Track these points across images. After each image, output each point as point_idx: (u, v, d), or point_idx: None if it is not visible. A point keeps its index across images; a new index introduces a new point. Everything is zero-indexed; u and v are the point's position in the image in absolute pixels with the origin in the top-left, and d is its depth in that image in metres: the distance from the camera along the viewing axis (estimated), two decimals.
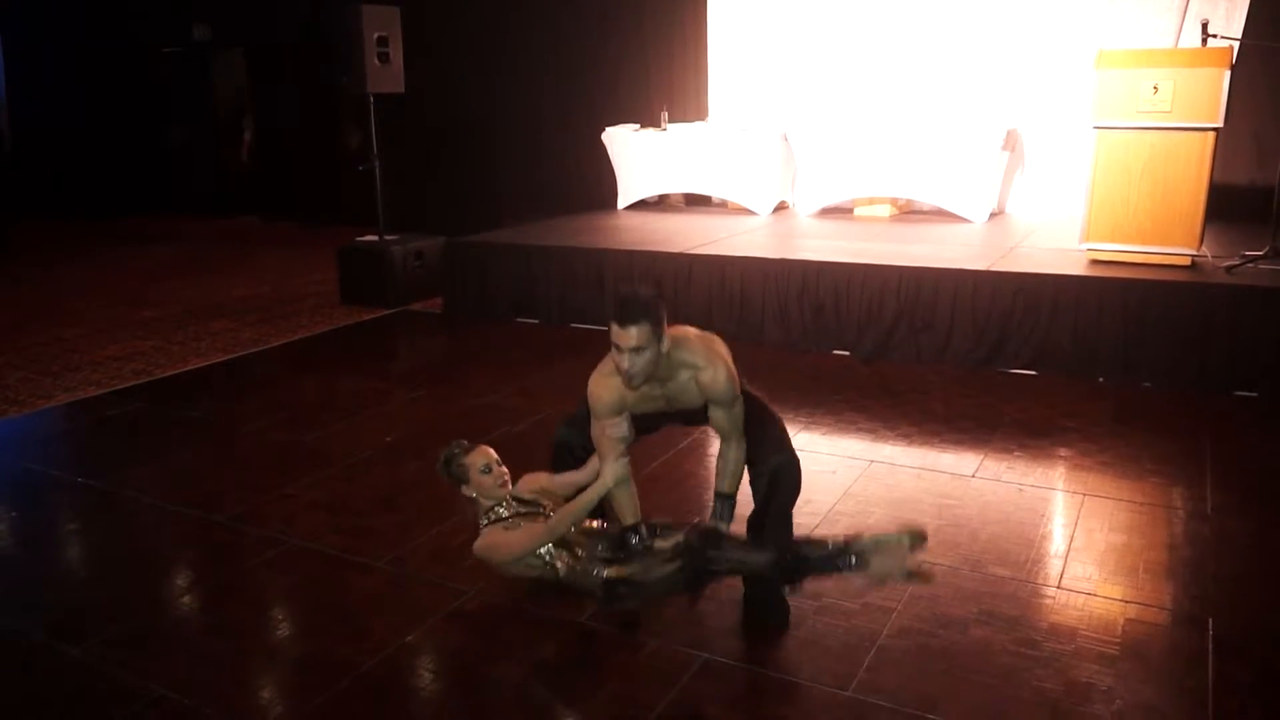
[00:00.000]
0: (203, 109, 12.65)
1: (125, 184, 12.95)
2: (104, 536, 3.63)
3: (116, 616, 2.96)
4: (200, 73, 12.53)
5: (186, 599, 3.15)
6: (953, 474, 3.90)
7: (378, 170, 7.42)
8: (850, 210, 7.82)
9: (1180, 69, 5.06)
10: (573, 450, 3.02)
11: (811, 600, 2.91)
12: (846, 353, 5.67)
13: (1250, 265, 5.19)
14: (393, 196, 7.64)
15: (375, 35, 7.09)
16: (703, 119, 8.66)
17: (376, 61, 7.11)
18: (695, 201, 8.58)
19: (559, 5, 9.19)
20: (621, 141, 8.40)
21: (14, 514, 3.88)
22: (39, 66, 13.78)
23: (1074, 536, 3.33)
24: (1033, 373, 5.21)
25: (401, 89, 7.32)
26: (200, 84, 12.56)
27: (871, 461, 4.04)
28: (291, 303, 7.50)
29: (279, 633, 2.94)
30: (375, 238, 7.49)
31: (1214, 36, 5.33)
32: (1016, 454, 4.10)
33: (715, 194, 8.27)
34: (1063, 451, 4.13)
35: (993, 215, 7.36)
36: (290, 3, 11.01)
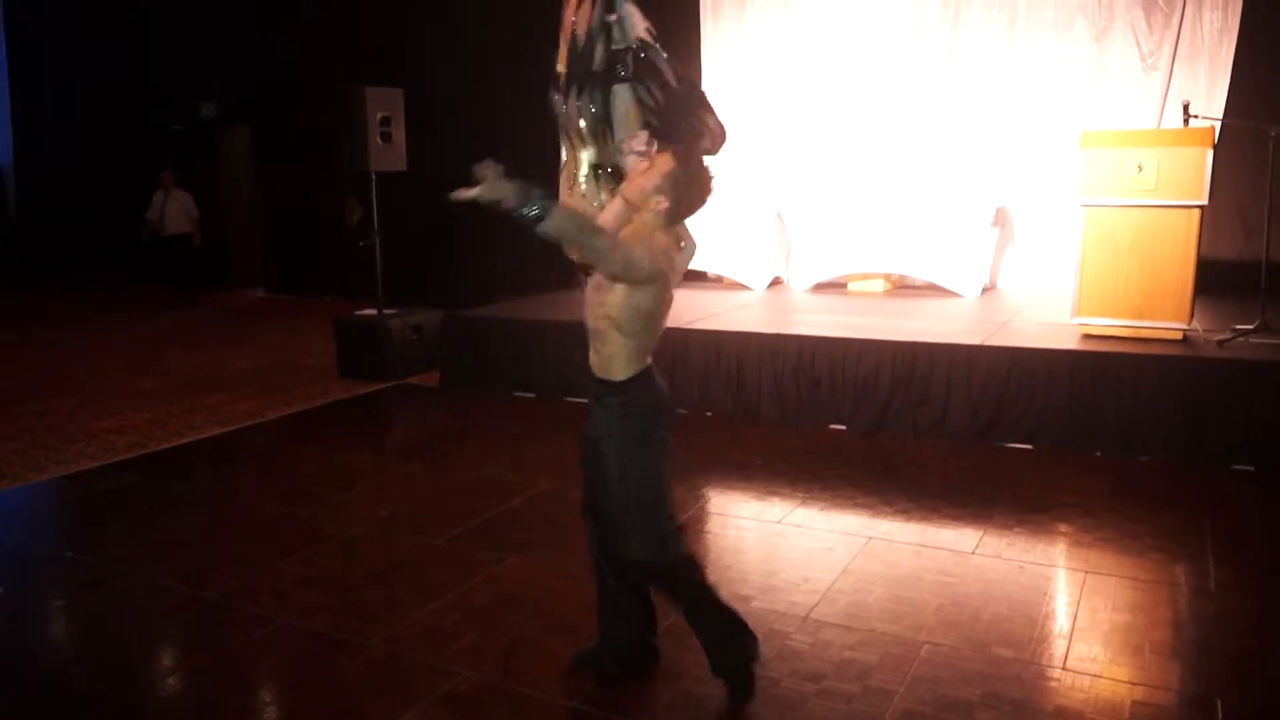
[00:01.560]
0: (208, 184, 12.81)
1: (129, 256, 13.05)
2: (91, 613, 3.58)
3: (101, 696, 2.90)
4: (207, 149, 12.73)
5: (172, 679, 3.09)
6: (952, 550, 3.87)
7: (378, 245, 7.50)
8: (844, 285, 7.90)
9: (1164, 148, 5.18)
10: None
11: (811, 682, 2.86)
12: (843, 427, 5.67)
13: (1242, 339, 5.23)
14: (392, 271, 7.71)
15: (379, 115, 7.24)
16: None
17: (379, 140, 7.25)
18: (691, 276, 8.60)
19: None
20: None
21: (1, 590, 3.83)
22: (49, 141, 14.04)
23: (1077, 615, 3.29)
24: (1029, 447, 5.21)
25: (404, 167, 7.45)
26: (207, 160, 12.75)
27: (870, 538, 4.01)
28: (289, 375, 7.50)
29: (266, 716, 2.87)
30: (374, 311, 7.53)
31: (1195, 117, 5.47)
32: (1016, 530, 4.07)
33: (710, 269, 8.35)
34: (1063, 527, 4.11)
35: (985, 290, 7.43)
36: (296, 82, 11.25)
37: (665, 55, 2.72)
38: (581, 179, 2.60)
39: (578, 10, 2.76)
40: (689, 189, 2.55)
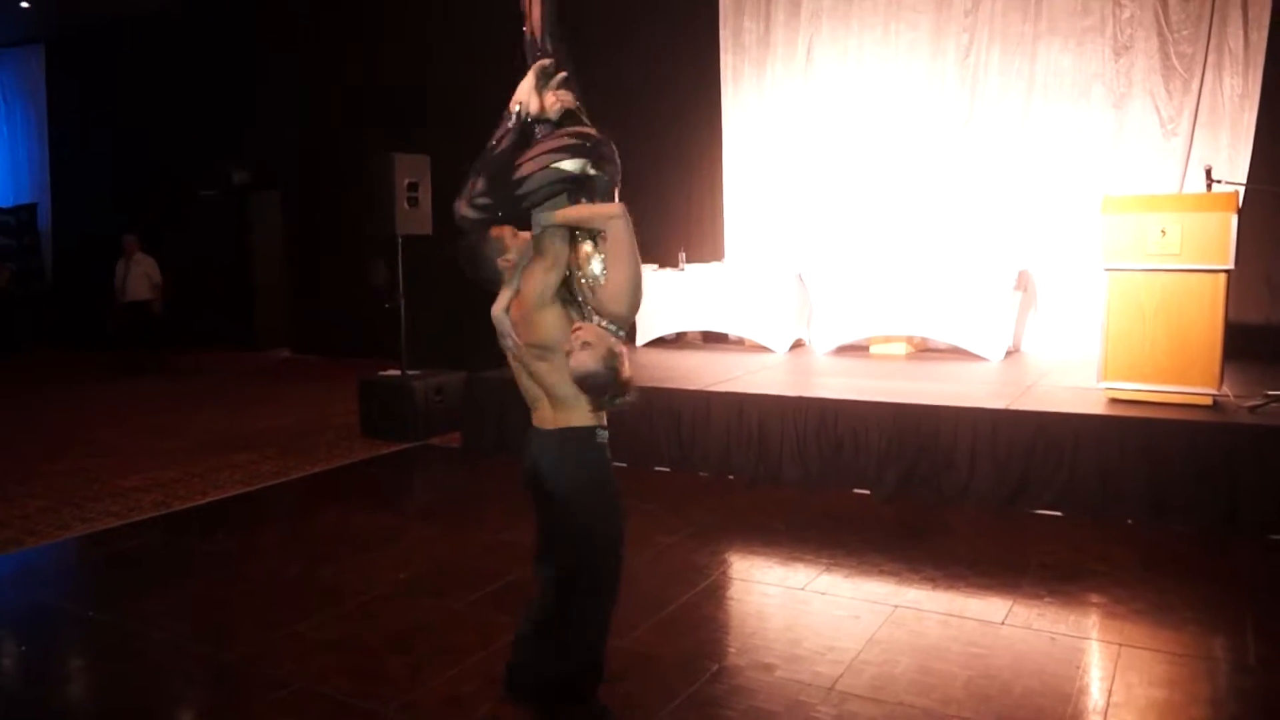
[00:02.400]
0: (238, 247, 13.07)
1: (163, 317, 13.26)
2: (111, 673, 3.56)
3: None
4: (237, 214, 13.01)
5: None
6: (981, 621, 3.79)
7: (403, 307, 7.59)
8: (866, 348, 7.89)
9: (1187, 213, 5.17)
10: None
11: None
12: (866, 492, 5.61)
13: (1274, 405, 5.16)
14: (417, 332, 7.78)
15: (406, 181, 7.38)
16: (719, 259, 8.86)
17: (406, 205, 7.38)
18: (713, 339, 8.69)
19: None
20: None
21: (23, 648, 3.82)
22: (85, 206, 14.38)
23: (1113, 690, 3.20)
24: (1058, 514, 5.12)
25: (429, 231, 7.56)
26: (237, 225, 13.02)
27: (896, 606, 3.94)
28: (313, 435, 7.54)
29: None
30: (398, 372, 7.59)
31: (1218, 182, 5.47)
32: (1046, 600, 3.99)
33: (732, 332, 8.38)
34: (1094, 598, 4.02)
35: (1008, 354, 7.40)
36: (326, 149, 11.51)
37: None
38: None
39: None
40: None
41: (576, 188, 2.64)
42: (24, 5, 12.68)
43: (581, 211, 2.64)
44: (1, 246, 14.43)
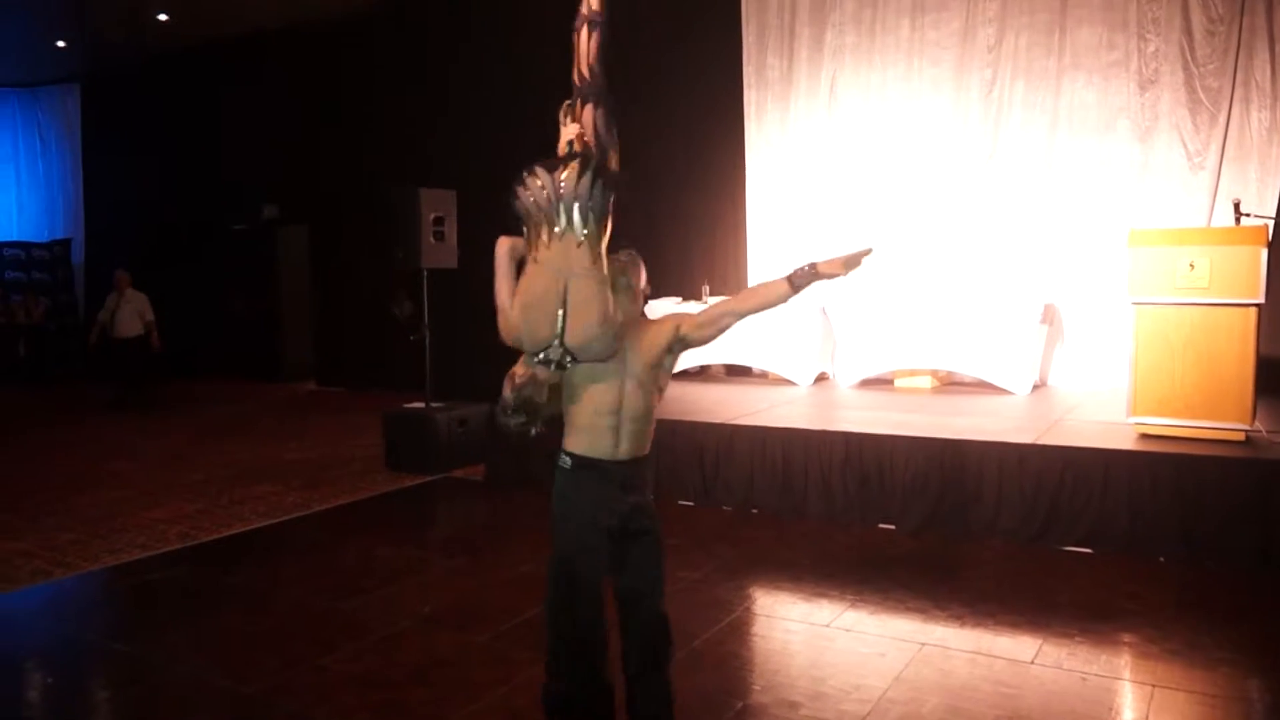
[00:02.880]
0: (266, 281, 13.24)
1: (192, 350, 13.44)
2: (134, 705, 3.57)
3: None
4: (267, 248, 13.19)
5: None
6: (1010, 660, 3.72)
7: (427, 339, 7.64)
8: (890, 382, 7.84)
9: (1216, 246, 5.13)
10: None
11: None
12: (892, 526, 5.55)
13: None
14: (441, 364, 7.83)
15: (432, 215, 7.47)
16: None
17: (432, 239, 7.45)
18: (736, 372, 8.67)
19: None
20: (664, 314, 8.59)
21: (48, 680, 3.85)
22: (118, 242, 14.63)
23: None
24: (1088, 550, 5.04)
25: (455, 264, 7.63)
26: (266, 259, 13.20)
27: (923, 644, 3.88)
28: (337, 467, 7.58)
29: None
30: (422, 404, 7.62)
31: (1247, 215, 5.43)
32: (1077, 639, 3.91)
33: (756, 365, 8.36)
34: (1126, 637, 3.94)
35: (1035, 387, 7.33)
36: (353, 184, 11.67)
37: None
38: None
39: (580, 110, 2.92)
40: None
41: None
42: (60, 45, 13.01)
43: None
44: (36, 281, 14.70)
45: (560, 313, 2.60)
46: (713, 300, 8.42)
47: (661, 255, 9.39)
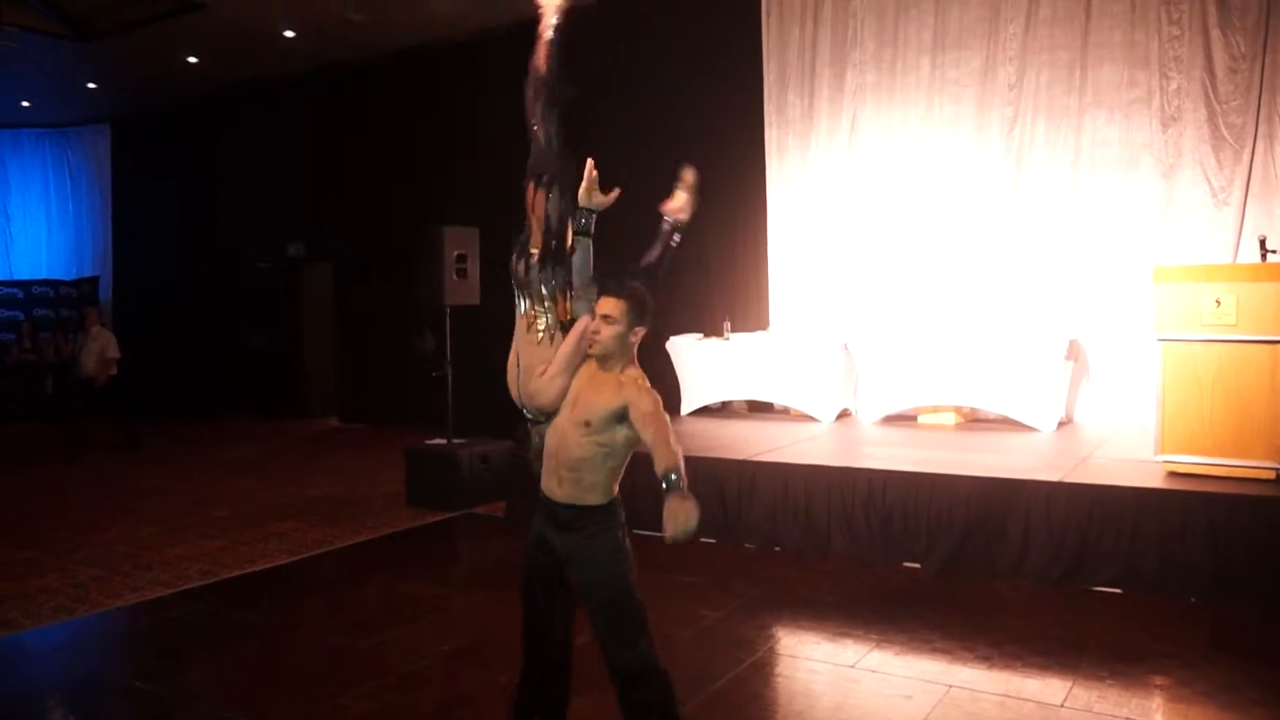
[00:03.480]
0: (291, 319, 13.37)
1: (217, 387, 13.57)
2: None
3: None
4: (291, 286, 13.34)
5: None
6: (1039, 703, 3.65)
7: (450, 376, 7.68)
8: (914, 418, 7.79)
9: (1243, 283, 5.09)
10: None
11: None
12: (916, 565, 5.48)
13: None
14: (463, 401, 7.85)
15: (455, 253, 7.53)
16: (764, 329, 8.87)
17: (455, 276, 7.52)
18: (758, 408, 8.64)
19: (621, 216, 9.70)
20: (685, 350, 8.61)
21: (71, 719, 3.84)
22: (143, 280, 14.84)
23: None
24: (1118, 591, 4.96)
25: (477, 301, 7.68)
26: (290, 296, 13.34)
27: (950, 686, 3.81)
28: (359, 504, 7.59)
29: None
30: (444, 440, 7.64)
31: (1273, 252, 5.39)
32: (1108, 681, 3.84)
33: (777, 401, 8.33)
34: (1158, 679, 3.86)
35: (1060, 424, 7.25)
36: (376, 222, 11.81)
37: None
38: (541, 330, 2.95)
39: (535, 195, 3.08)
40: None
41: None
42: (91, 87, 13.30)
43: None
44: (64, 318, 14.90)
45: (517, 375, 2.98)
46: (734, 336, 8.43)
47: (682, 291, 9.41)
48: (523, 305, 3.05)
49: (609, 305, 2.79)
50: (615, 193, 3.13)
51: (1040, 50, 7.69)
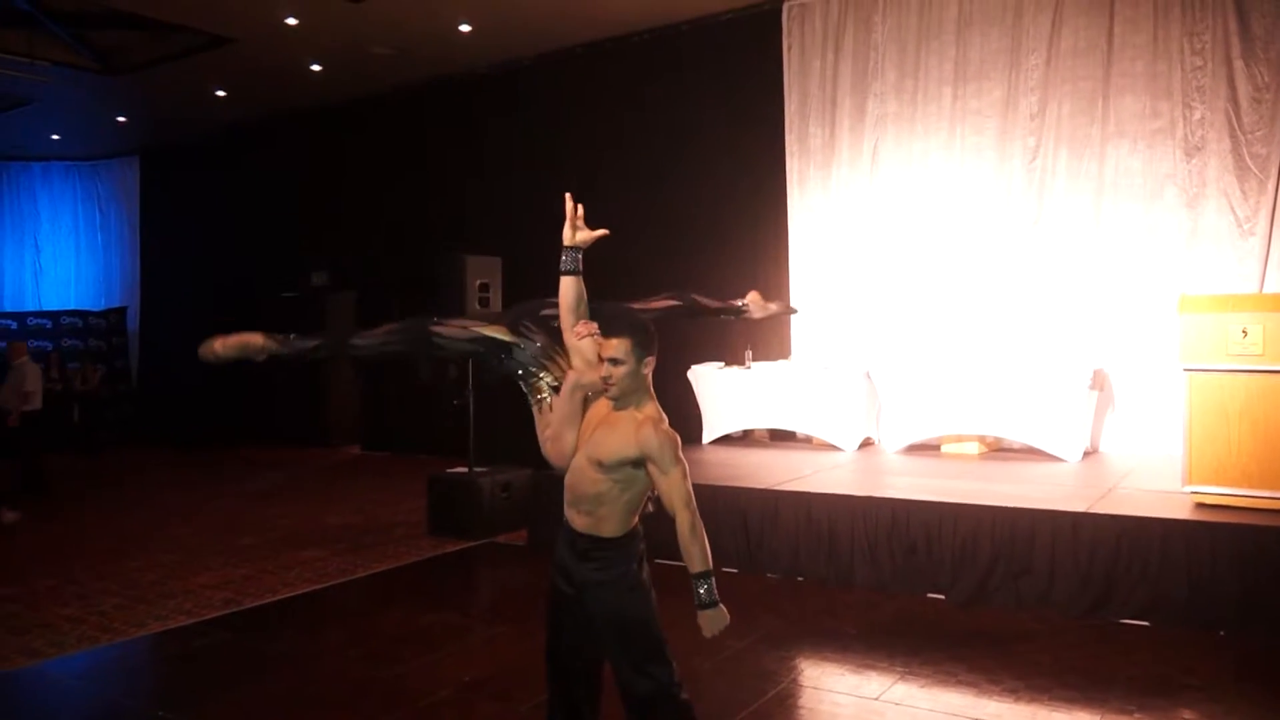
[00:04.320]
0: None
1: (241, 416, 13.68)
2: None
3: None
4: (315, 315, 13.46)
5: None
6: None
7: (471, 404, 7.71)
8: (937, 447, 7.74)
9: (1269, 313, 5.04)
10: None
11: None
12: (941, 596, 5.43)
13: None
14: (484, 429, 7.88)
15: (478, 282, 7.59)
16: (786, 357, 8.86)
17: (478, 305, 7.57)
18: (779, 437, 8.62)
19: (644, 247, 9.77)
20: (706, 379, 8.61)
21: None
22: (171, 310, 15.03)
23: None
24: (1145, 623, 4.88)
25: None
26: (314, 325, 13.45)
27: (976, 719, 3.76)
28: (380, 532, 7.61)
29: None
30: (465, 469, 7.66)
31: None
32: (1136, 715, 3.78)
33: (799, 430, 8.31)
34: (1186, 713, 3.80)
35: (1086, 454, 7.18)
36: (400, 251, 11.93)
37: None
38: (545, 397, 3.01)
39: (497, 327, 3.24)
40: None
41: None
42: (120, 120, 13.56)
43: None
44: (93, 348, 15.09)
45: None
46: (756, 365, 8.43)
47: (704, 321, 9.43)
48: (525, 387, 3.15)
49: (613, 348, 2.75)
50: (600, 232, 3.13)
51: (1062, 81, 7.71)
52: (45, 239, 16.13)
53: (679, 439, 2.76)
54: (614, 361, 2.74)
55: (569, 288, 3.00)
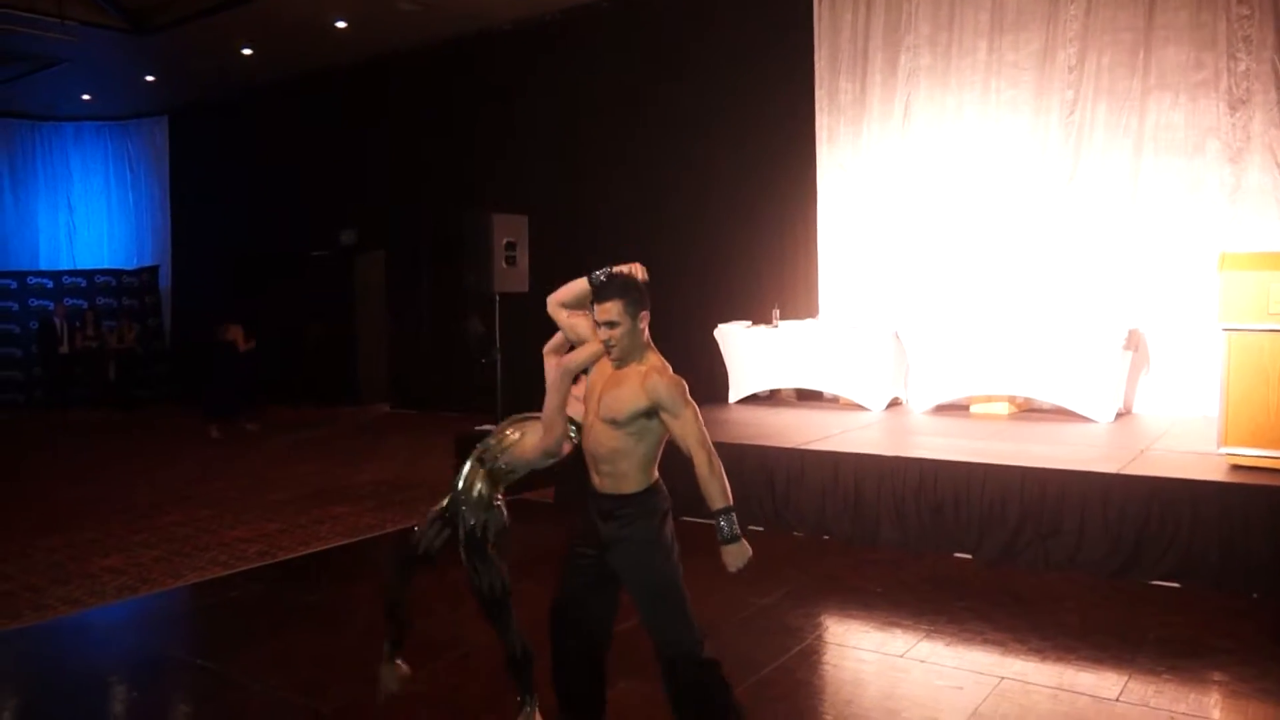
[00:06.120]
0: (343, 306, 13.57)
1: (273, 375, 13.82)
2: None
3: None
4: (344, 274, 13.54)
5: None
6: (1093, 696, 3.59)
7: (499, 362, 7.74)
8: (966, 408, 7.68)
9: None
10: None
11: None
12: (968, 556, 5.42)
13: None
14: (512, 387, 7.91)
15: (504, 240, 7.58)
16: (813, 316, 8.80)
17: (504, 264, 7.57)
18: (806, 396, 8.59)
19: (672, 207, 9.69)
20: (733, 338, 8.57)
21: (134, 694, 3.96)
22: (201, 269, 15.17)
23: None
24: (1176, 585, 4.85)
25: (526, 288, 7.73)
26: (343, 284, 13.54)
27: (1001, 678, 3.76)
28: (410, 489, 7.69)
29: None
30: (493, 426, 7.69)
31: None
32: (1165, 676, 3.76)
33: (827, 389, 8.27)
34: (1217, 675, 3.78)
35: (1118, 415, 7.10)
36: (428, 209, 11.93)
37: None
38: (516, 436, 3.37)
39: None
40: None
41: None
42: (149, 80, 13.59)
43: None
44: (126, 306, 15.29)
45: None
46: (783, 324, 8.37)
47: (731, 279, 9.39)
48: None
49: (605, 311, 2.78)
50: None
51: (1102, 31, 7.51)
52: (78, 199, 16.29)
53: (685, 384, 2.79)
54: (610, 324, 2.77)
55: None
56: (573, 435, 3.03)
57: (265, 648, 4.30)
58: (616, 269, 2.86)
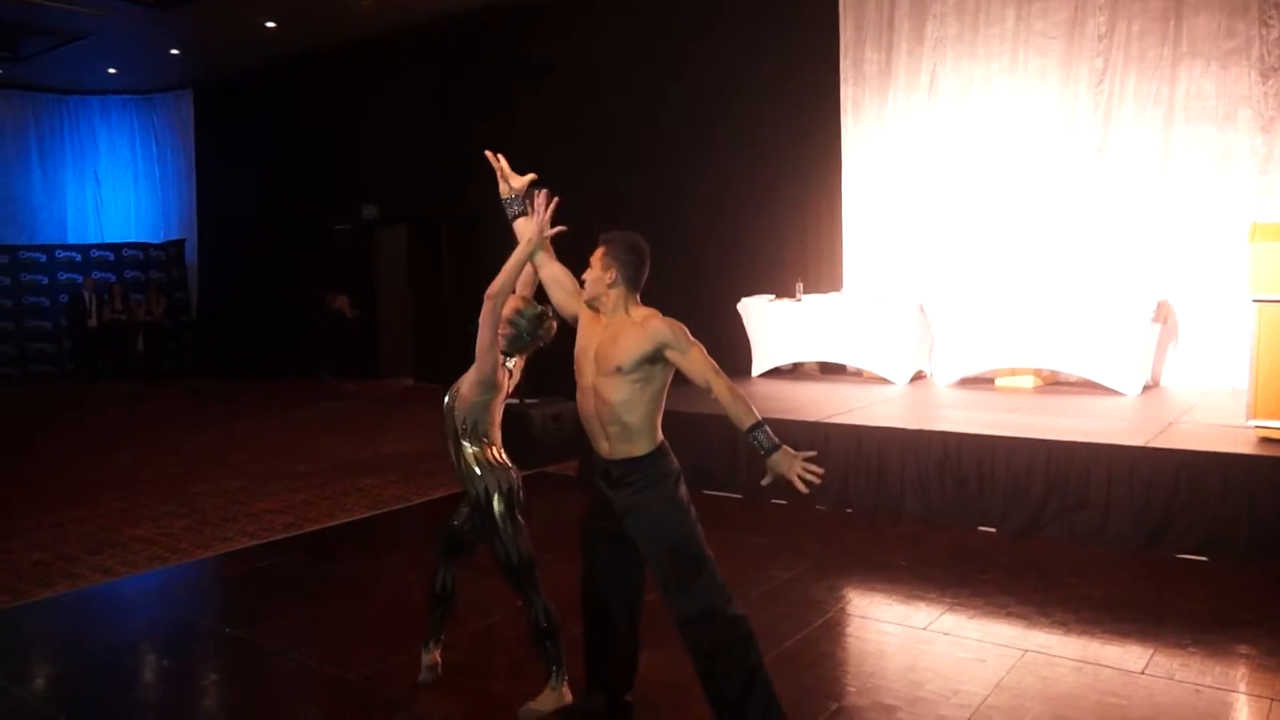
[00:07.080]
0: (367, 280, 13.63)
1: (296, 348, 13.94)
2: (242, 689, 3.72)
3: None
4: (367, 248, 13.58)
5: None
6: (1118, 669, 3.58)
7: None
8: (991, 381, 7.63)
9: None
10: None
11: None
12: (992, 529, 5.40)
13: None
14: (535, 361, 7.91)
15: None
16: (837, 290, 8.74)
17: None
18: (830, 370, 8.55)
19: (695, 180, 9.63)
20: (757, 311, 8.54)
21: (165, 662, 4.03)
22: (226, 242, 15.27)
23: None
24: (1203, 558, 4.81)
25: None
26: (366, 258, 13.59)
27: (1025, 651, 3.76)
28: (434, 461, 7.74)
29: None
30: (515, 400, 7.73)
31: None
32: (1190, 649, 3.74)
33: (850, 363, 8.23)
34: (1243, 648, 3.75)
35: (1146, 388, 7.02)
36: (450, 183, 11.92)
37: None
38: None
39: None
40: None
41: None
42: (174, 53, 13.63)
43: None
44: (153, 280, 15.43)
45: None
46: (807, 297, 8.33)
47: (754, 252, 9.33)
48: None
49: (593, 256, 3.00)
50: (529, 175, 3.47)
51: None
52: (105, 172, 16.39)
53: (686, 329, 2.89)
54: (589, 268, 3.01)
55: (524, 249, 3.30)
56: (550, 314, 3.46)
57: (293, 617, 4.36)
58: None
